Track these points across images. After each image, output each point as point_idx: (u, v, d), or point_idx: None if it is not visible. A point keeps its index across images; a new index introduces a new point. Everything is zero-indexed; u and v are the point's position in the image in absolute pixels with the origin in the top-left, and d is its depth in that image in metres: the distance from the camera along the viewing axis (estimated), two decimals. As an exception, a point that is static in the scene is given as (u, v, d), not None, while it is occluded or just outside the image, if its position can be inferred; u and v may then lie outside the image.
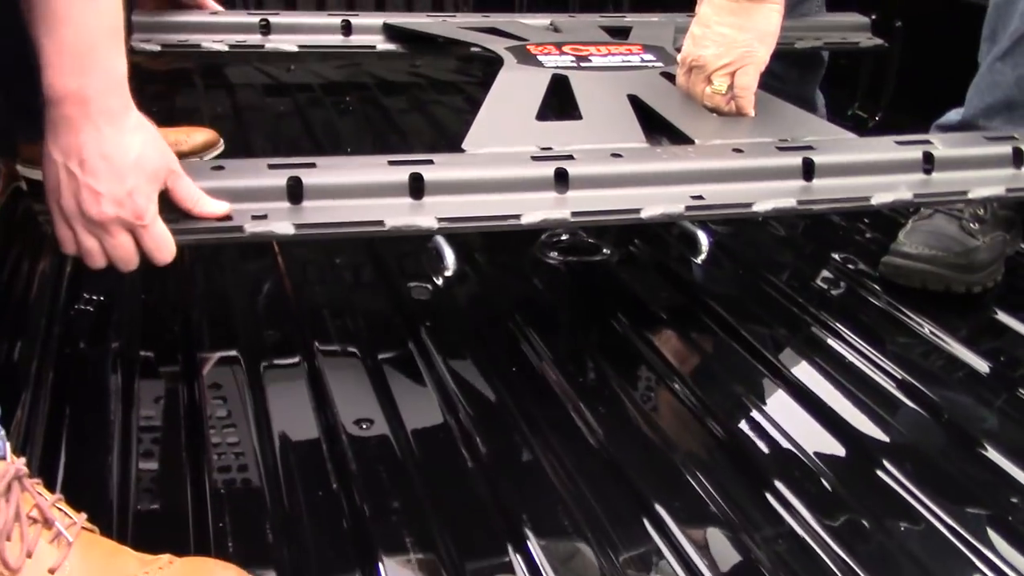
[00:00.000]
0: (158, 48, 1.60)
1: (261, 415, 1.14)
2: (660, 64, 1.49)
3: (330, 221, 1.02)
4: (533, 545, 0.95)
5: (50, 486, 0.96)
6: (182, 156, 1.77)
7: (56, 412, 1.13)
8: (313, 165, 1.05)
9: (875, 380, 1.25)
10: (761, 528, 0.99)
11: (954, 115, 1.54)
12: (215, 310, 1.38)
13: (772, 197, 1.15)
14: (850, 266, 1.55)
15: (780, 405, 1.20)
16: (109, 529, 0.89)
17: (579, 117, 1.29)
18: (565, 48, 1.53)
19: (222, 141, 1.88)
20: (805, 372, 1.27)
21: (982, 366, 1.29)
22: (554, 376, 1.24)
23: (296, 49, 1.68)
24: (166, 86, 2.30)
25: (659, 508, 1.00)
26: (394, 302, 1.43)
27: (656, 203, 1.11)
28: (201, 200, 0.98)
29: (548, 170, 1.11)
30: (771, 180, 1.17)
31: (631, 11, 2.00)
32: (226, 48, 1.63)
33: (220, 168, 1.04)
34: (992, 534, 0.98)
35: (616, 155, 1.16)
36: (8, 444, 0.82)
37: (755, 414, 1.18)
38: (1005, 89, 1.46)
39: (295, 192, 1.02)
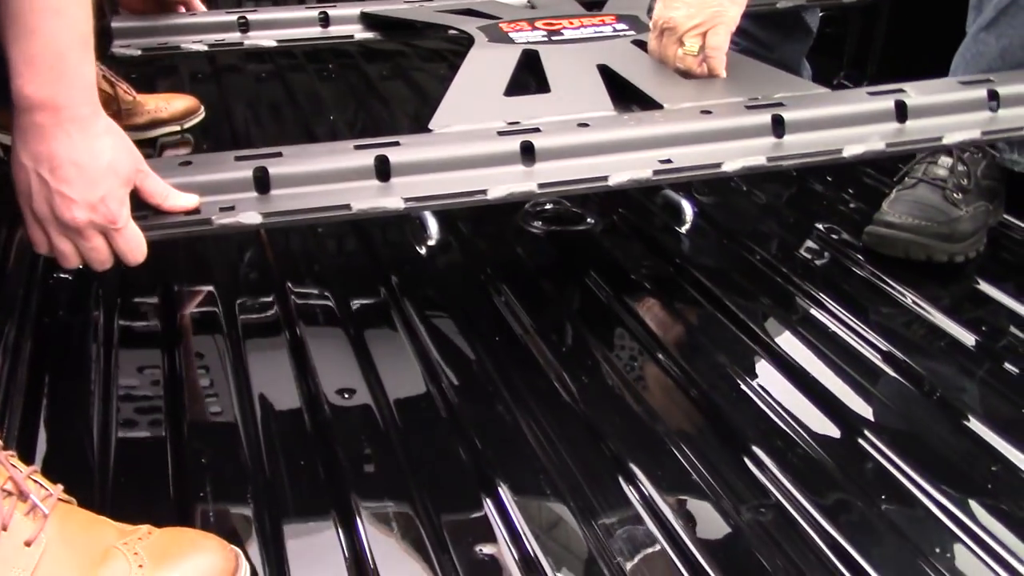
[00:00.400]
0: (138, 53, 1.60)
1: (243, 384, 1.14)
2: (632, 32, 1.48)
3: (297, 208, 1.02)
4: (513, 510, 0.95)
5: (29, 456, 0.96)
6: (162, 123, 1.78)
7: (35, 382, 1.13)
8: (280, 155, 1.06)
9: (857, 350, 1.25)
10: (742, 497, 0.99)
11: (939, 85, 1.54)
12: (196, 279, 1.36)
13: (741, 156, 1.15)
14: (833, 235, 1.55)
15: (762, 374, 1.21)
16: (89, 499, 0.88)
17: (548, 90, 1.28)
18: (537, 23, 1.52)
19: (203, 108, 1.87)
20: (787, 341, 1.27)
21: (964, 336, 1.29)
22: (536, 345, 1.24)
23: (275, 44, 1.69)
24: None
25: (640, 476, 1.01)
26: (377, 271, 1.42)
27: (623, 169, 1.11)
28: (170, 195, 0.98)
29: (514, 144, 1.10)
30: (741, 139, 1.17)
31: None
32: (206, 48, 1.64)
33: (188, 163, 1.04)
34: (973, 504, 0.99)
35: (583, 125, 1.15)
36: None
37: (738, 383, 1.18)
38: (989, 60, 1.46)
39: (262, 182, 1.03)
